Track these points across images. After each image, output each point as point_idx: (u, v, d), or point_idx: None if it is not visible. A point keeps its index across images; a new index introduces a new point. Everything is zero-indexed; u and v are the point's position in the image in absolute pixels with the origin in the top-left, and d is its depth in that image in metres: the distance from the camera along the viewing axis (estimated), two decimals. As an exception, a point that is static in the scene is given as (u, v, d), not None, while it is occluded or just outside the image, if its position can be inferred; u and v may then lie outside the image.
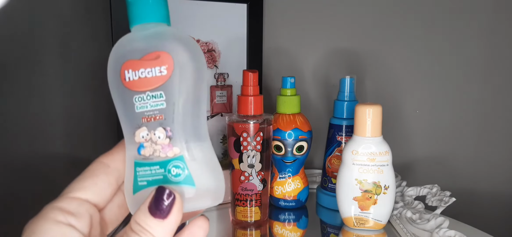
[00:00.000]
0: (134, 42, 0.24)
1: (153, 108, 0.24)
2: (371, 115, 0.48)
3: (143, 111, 0.24)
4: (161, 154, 0.24)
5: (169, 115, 0.24)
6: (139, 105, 0.24)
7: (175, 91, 0.24)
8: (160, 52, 0.23)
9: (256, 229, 0.53)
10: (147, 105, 0.24)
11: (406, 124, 0.76)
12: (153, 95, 0.23)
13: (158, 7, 0.24)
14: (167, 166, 0.24)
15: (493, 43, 0.74)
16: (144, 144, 0.24)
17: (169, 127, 0.24)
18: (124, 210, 0.27)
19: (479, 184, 0.79)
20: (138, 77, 0.23)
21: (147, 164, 0.24)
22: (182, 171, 0.24)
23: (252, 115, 0.51)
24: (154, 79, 0.23)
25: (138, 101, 0.24)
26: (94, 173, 0.25)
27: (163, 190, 0.22)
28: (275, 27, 0.69)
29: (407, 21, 0.72)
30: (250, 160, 0.51)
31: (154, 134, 0.24)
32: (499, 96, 0.76)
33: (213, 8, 0.64)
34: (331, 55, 0.72)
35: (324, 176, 0.61)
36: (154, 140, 0.24)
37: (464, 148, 0.78)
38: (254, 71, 0.51)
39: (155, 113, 0.24)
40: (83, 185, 0.24)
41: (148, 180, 0.24)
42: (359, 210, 0.50)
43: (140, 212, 0.22)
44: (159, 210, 0.22)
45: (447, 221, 0.48)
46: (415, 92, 0.75)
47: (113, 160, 0.25)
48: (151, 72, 0.23)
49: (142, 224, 0.22)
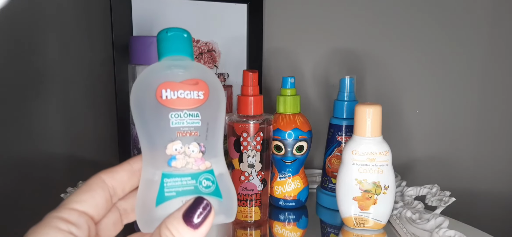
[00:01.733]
0: (172, 69, 0.27)
1: (189, 125, 0.26)
2: (371, 115, 0.48)
3: (179, 126, 0.26)
4: (193, 166, 0.26)
5: (202, 133, 0.26)
6: (175, 121, 0.26)
7: (209, 113, 0.27)
8: (198, 79, 0.27)
9: (256, 229, 0.53)
10: (184, 122, 0.26)
11: (406, 124, 0.76)
12: (191, 113, 0.26)
13: (189, 44, 0.28)
14: (198, 178, 0.26)
15: (493, 43, 0.74)
16: (177, 156, 0.26)
17: (203, 143, 0.26)
18: (118, 227, 0.28)
19: (479, 184, 0.79)
20: (176, 96, 0.26)
21: (178, 175, 0.25)
22: (212, 183, 0.26)
23: (252, 115, 0.51)
24: (192, 100, 0.26)
25: (175, 117, 0.26)
26: (92, 187, 0.25)
27: (202, 200, 0.23)
28: (275, 27, 0.69)
29: (407, 21, 0.72)
30: (250, 160, 0.51)
31: (188, 148, 0.26)
32: (499, 96, 0.76)
33: (213, 8, 0.64)
34: (331, 55, 0.72)
35: (324, 176, 0.61)
36: (188, 153, 0.26)
37: (464, 148, 0.78)
38: (254, 71, 0.51)
39: (191, 129, 0.26)
40: (82, 198, 0.25)
41: (177, 191, 0.25)
42: (359, 210, 0.50)
43: (172, 218, 0.23)
44: (193, 218, 0.22)
45: (447, 221, 0.48)
46: (415, 92, 0.75)
47: (112, 178, 0.26)
48: (190, 94, 0.26)
49: (173, 230, 0.22)
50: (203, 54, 0.64)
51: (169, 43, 0.27)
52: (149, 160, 0.26)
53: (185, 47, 0.28)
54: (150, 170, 0.26)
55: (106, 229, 0.27)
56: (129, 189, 0.27)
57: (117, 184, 0.26)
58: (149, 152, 0.26)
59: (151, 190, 0.25)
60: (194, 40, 0.63)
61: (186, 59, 0.28)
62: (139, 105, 0.27)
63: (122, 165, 0.27)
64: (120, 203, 0.28)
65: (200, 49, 0.63)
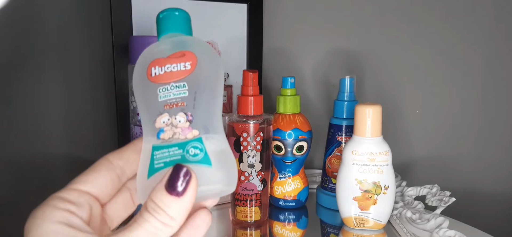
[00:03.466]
0: (161, 46, 0.28)
1: (175, 96, 0.26)
2: (371, 115, 0.48)
3: (166, 99, 0.26)
4: (180, 136, 0.26)
5: (190, 102, 0.26)
6: (162, 95, 0.26)
7: (196, 82, 0.26)
8: (185, 51, 0.27)
9: (256, 229, 0.53)
10: (171, 94, 0.26)
11: (406, 124, 0.76)
12: (177, 85, 0.26)
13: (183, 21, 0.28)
14: (185, 146, 0.25)
15: (493, 43, 0.74)
16: (164, 128, 0.26)
17: (190, 112, 0.26)
18: (130, 208, 0.28)
19: (479, 184, 0.79)
20: (164, 71, 0.26)
21: (165, 146, 0.25)
22: (200, 151, 0.25)
23: (252, 115, 0.51)
24: (178, 72, 0.26)
25: (162, 91, 0.26)
26: (97, 168, 0.26)
27: (180, 168, 0.23)
28: (275, 27, 0.69)
29: (407, 21, 0.72)
30: (250, 160, 0.51)
31: (175, 119, 0.26)
32: (499, 96, 0.76)
33: (213, 8, 0.64)
34: (331, 55, 0.72)
35: (324, 176, 0.61)
36: (175, 124, 0.26)
37: (464, 148, 0.78)
38: (254, 71, 0.51)
39: (177, 100, 0.26)
40: (85, 179, 0.25)
41: (165, 162, 0.25)
42: (359, 210, 0.50)
43: (155, 190, 0.23)
44: (175, 187, 0.23)
45: (447, 221, 0.48)
46: (415, 92, 0.75)
47: (118, 158, 0.27)
48: (176, 67, 0.26)
49: (158, 202, 0.22)
50: (203, 54, 0.64)
51: (163, 23, 0.28)
52: (145, 136, 0.27)
53: (179, 25, 0.28)
54: (145, 144, 0.27)
55: (116, 209, 0.27)
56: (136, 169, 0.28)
57: (125, 164, 0.27)
58: (144, 128, 0.27)
59: (145, 163, 0.26)
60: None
61: (181, 35, 0.28)
62: (137, 86, 0.27)
63: (128, 146, 0.28)
64: (129, 183, 0.28)
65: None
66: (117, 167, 0.26)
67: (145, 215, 0.22)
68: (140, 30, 0.60)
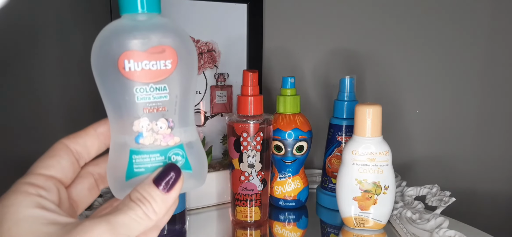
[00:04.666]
0: (133, 33, 0.24)
1: (156, 100, 0.24)
2: (371, 115, 0.48)
3: (145, 102, 0.24)
4: (162, 143, 0.25)
5: (171, 107, 0.25)
6: (140, 96, 0.24)
7: (177, 84, 0.25)
8: (165, 46, 0.24)
9: (256, 229, 0.53)
10: (150, 97, 0.24)
11: (406, 124, 0.76)
12: (157, 87, 0.24)
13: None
14: (167, 153, 0.25)
15: (493, 43, 0.74)
16: (144, 133, 0.25)
17: (171, 118, 0.25)
18: (95, 193, 0.28)
19: (479, 184, 0.79)
20: (141, 68, 0.24)
21: (146, 152, 0.25)
22: (181, 157, 0.25)
23: (252, 115, 0.51)
24: (158, 72, 0.24)
25: (140, 92, 0.24)
26: (57, 152, 0.26)
27: (173, 166, 0.24)
28: (275, 27, 0.69)
29: (407, 21, 0.72)
30: (250, 160, 0.51)
31: (156, 125, 0.25)
32: (499, 96, 0.76)
33: (213, 8, 0.64)
34: (331, 55, 0.72)
35: (324, 176, 0.61)
36: (156, 130, 0.25)
37: (464, 148, 0.78)
38: (254, 71, 0.51)
39: (158, 104, 0.25)
40: (47, 163, 0.25)
41: (146, 167, 0.25)
42: (359, 210, 0.50)
43: (143, 184, 0.24)
44: (163, 183, 0.24)
45: (447, 221, 0.48)
46: (415, 92, 0.75)
47: (75, 143, 0.27)
48: (156, 65, 0.24)
49: (145, 194, 0.23)
50: (203, 54, 0.64)
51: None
52: (116, 131, 0.25)
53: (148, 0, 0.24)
54: (118, 141, 0.25)
55: (82, 195, 0.27)
56: (95, 153, 0.28)
57: (81, 149, 0.27)
58: (115, 122, 0.25)
59: (120, 163, 0.25)
60: (194, 40, 0.63)
61: (152, 16, 0.25)
62: (101, 74, 0.25)
63: (86, 130, 0.27)
64: (93, 168, 0.28)
65: (200, 49, 0.63)
66: (74, 151, 0.26)
67: (130, 204, 0.23)
68: (140, 30, 0.60)
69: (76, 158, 0.26)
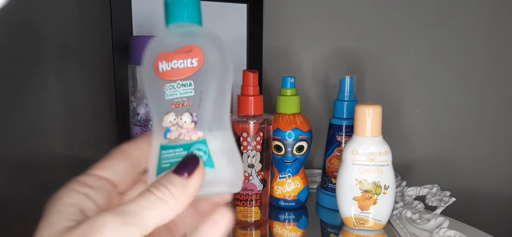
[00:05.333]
0: (168, 38, 0.27)
1: (182, 95, 0.26)
2: (371, 115, 0.48)
3: (173, 98, 0.26)
4: (185, 137, 0.26)
5: (196, 102, 0.26)
6: (169, 93, 0.26)
7: (203, 81, 0.26)
8: (192, 46, 0.26)
9: (256, 229, 0.53)
10: (177, 93, 0.26)
11: (406, 124, 0.76)
12: (183, 83, 0.26)
13: (192, 8, 0.27)
14: (190, 148, 0.25)
15: (493, 43, 0.74)
16: (171, 128, 0.26)
17: (195, 113, 0.26)
18: None
19: (479, 184, 0.79)
20: (171, 67, 0.26)
21: (172, 147, 0.25)
22: (204, 153, 0.25)
23: (252, 115, 0.51)
24: (185, 69, 0.26)
25: (169, 89, 0.26)
26: (113, 156, 0.26)
27: (192, 155, 0.24)
28: (275, 27, 0.69)
29: (407, 21, 0.72)
30: (250, 160, 0.51)
31: (181, 119, 0.26)
32: (499, 96, 0.76)
33: (213, 8, 0.64)
34: (331, 55, 0.72)
35: (324, 176, 0.61)
36: (181, 124, 0.26)
37: (464, 148, 0.78)
38: (254, 71, 0.51)
39: (183, 99, 0.26)
40: (103, 165, 0.26)
41: (171, 162, 0.25)
42: (359, 210, 0.50)
43: (164, 174, 0.24)
44: (183, 169, 0.24)
45: (447, 221, 0.48)
46: (415, 92, 0.75)
47: (134, 148, 0.27)
48: (183, 63, 0.26)
49: (164, 181, 0.23)
50: (203, 54, 0.64)
51: (170, 9, 0.27)
52: (154, 132, 0.27)
53: (187, 12, 0.27)
54: (154, 141, 0.27)
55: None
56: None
57: (140, 155, 0.27)
58: (153, 124, 0.27)
59: (154, 161, 0.26)
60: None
61: (190, 25, 0.27)
62: (144, 79, 0.27)
63: (143, 137, 0.28)
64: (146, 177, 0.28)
65: (200, 49, 0.63)
66: (132, 157, 0.27)
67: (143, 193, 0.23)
68: (140, 30, 0.60)
69: (134, 163, 0.27)
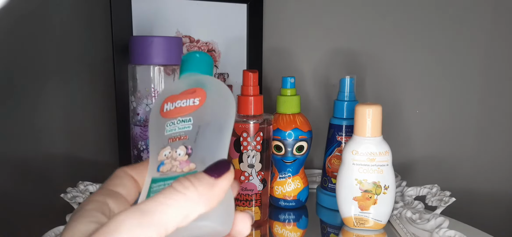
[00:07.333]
0: (177, 84, 0.29)
1: (180, 130, 0.26)
2: (371, 115, 0.48)
3: (171, 133, 0.26)
4: (177, 169, 0.25)
5: (192, 136, 0.26)
6: (169, 129, 0.26)
7: (202, 117, 0.27)
8: (196, 88, 0.28)
9: (256, 229, 0.53)
10: (176, 128, 0.26)
11: (406, 124, 0.76)
12: (183, 119, 0.27)
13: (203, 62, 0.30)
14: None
15: (493, 43, 0.74)
16: (164, 161, 0.26)
17: (190, 146, 0.26)
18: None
19: (479, 184, 0.79)
20: (174, 107, 0.27)
21: (162, 179, 0.25)
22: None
23: (252, 115, 0.51)
24: (187, 107, 0.27)
25: (169, 126, 0.27)
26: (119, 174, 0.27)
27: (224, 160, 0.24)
28: (275, 27, 0.69)
29: (407, 21, 0.72)
30: (250, 160, 0.51)
31: (176, 152, 0.26)
32: (499, 96, 0.76)
33: (213, 8, 0.64)
34: (331, 55, 0.72)
35: (324, 176, 0.61)
36: (175, 157, 0.26)
37: (464, 148, 0.78)
38: (254, 71, 0.51)
39: (180, 134, 0.26)
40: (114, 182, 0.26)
41: None
42: (359, 210, 0.50)
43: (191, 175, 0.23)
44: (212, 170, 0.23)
45: (447, 221, 0.48)
46: (415, 92, 0.75)
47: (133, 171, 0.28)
48: (185, 102, 0.27)
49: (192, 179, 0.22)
50: (203, 54, 0.64)
51: (184, 63, 0.30)
52: (150, 167, 0.27)
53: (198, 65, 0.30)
54: (148, 176, 0.26)
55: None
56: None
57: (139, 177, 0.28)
58: (150, 160, 0.27)
59: (143, 195, 0.25)
60: (194, 40, 0.63)
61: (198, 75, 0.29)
62: (150, 122, 0.28)
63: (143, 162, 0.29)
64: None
65: (200, 49, 0.63)
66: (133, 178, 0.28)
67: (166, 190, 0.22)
68: (140, 30, 0.60)
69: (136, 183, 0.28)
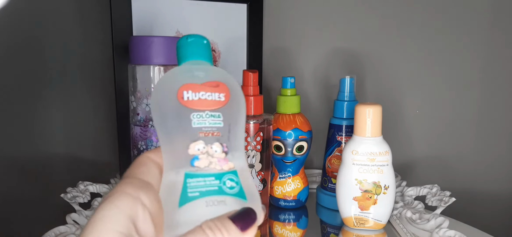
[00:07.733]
0: (192, 71, 0.28)
1: (211, 125, 0.26)
2: (371, 115, 0.48)
3: (201, 126, 0.26)
4: (217, 166, 0.26)
5: (225, 134, 0.26)
6: (197, 121, 0.26)
7: (229, 115, 0.27)
8: (219, 82, 0.27)
9: (256, 229, 0.53)
10: (206, 122, 0.26)
11: (406, 124, 0.76)
12: (212, 114, 0.26)
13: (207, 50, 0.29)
14: (222, 178, 0.25)
15: (493, 43, 0.74)
16: (199, 156, 0.25)
17: (225, 143, 0.26)
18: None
19: (479, 184, 0.79)
20: (198, 98, 0.26)
21: (201, 175, 0.25)
22: (236, 184, 0.26)
23: (252, 115, 0.51)
24: (213, 102, 0.27)
25: (197, 118, 0.26)
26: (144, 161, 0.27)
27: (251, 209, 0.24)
28: (275, 27, 0.69)
29: (407, 21, 0.72)
30: (250, 160, 0.51)
31: (211, 148, 0.26)
32: (499, 96, 0.76)
33: (213, 8, 0.64)
34: (331, 55, 0.72)
35: (324, 176, 0.61)
36: (211, 153, 0.26)
37: (464, 148, 0.78)
38: (254, 71, 0.51)
39: (213, 129, 0.26)
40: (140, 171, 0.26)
41: (200, 191, 0.25)
42: (359, 210, 0.50)
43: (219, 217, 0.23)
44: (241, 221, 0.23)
45: (447, 221, 0.48)
46: (415, 92, 0.75)
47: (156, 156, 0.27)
48: (211, 96, 0.27)
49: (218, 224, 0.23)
50: (203, 54, 0.64)
51: (189, 48, 0.29)
52: (171, 162, 0.26)
53: (204, 53, 0.29)
54: (172, 172, 0.26)
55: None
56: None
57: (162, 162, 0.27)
58: (171, 154, 0.27)
59: (173, 190, 0.25)
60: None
61: (206, 64, 0.29)
62: (160, 107, 0.27)
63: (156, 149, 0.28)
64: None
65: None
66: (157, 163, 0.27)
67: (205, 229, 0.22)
68: (140, 30, 0.60)
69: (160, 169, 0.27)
